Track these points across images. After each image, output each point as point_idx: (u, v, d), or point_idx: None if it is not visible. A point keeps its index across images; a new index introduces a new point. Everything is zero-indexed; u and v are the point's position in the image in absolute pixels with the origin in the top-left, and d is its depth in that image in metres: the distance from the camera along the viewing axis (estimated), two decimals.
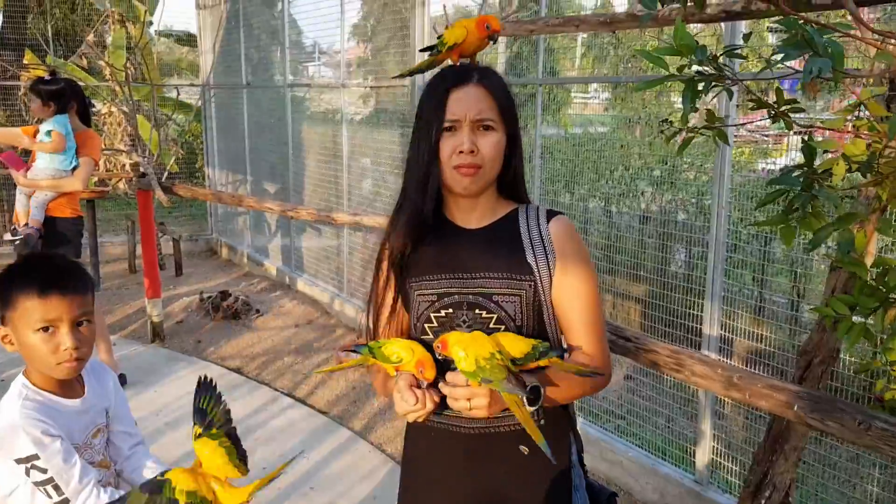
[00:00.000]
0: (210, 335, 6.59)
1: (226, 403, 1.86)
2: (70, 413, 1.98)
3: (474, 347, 1.58)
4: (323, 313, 7.13)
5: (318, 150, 7.43)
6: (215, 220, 10.13)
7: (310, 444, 4.60)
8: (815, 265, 4.03)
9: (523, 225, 1.80)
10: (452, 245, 1.79)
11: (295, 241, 7.98)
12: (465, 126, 1.69)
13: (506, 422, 1.75)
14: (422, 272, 1.78)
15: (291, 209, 4.81)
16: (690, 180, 4.40)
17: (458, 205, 1.81)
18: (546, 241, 1.76)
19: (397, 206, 1.83)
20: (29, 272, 1.87)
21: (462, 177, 1.71)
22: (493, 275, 1.73)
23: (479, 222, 1.81)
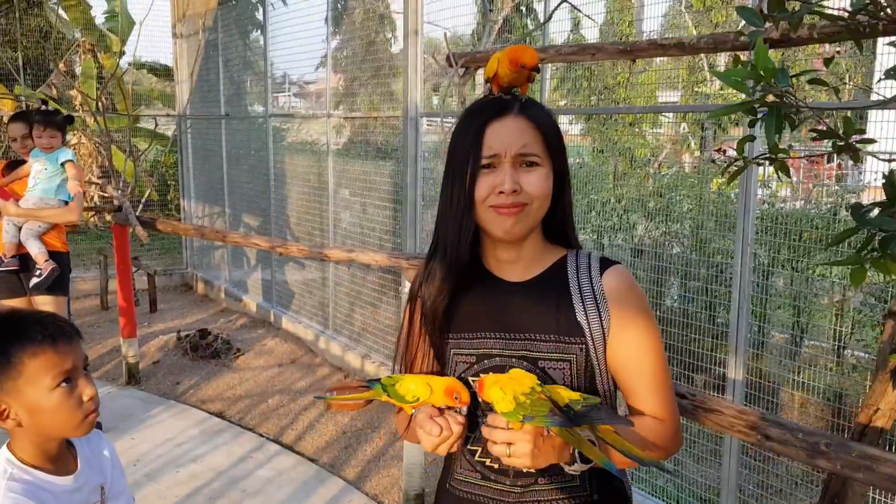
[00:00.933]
0: (189, 376, 6.27)
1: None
2: (61, 493, 1.70)
3: (512, 385, 1.41)
4: (307, 352, 6.84)
5: (301, 181, 7.19)
6: (190, 253, 9.81)
7: (301, 496, 4.31)
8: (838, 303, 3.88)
9: (573, 276, 1.58)
10: (494, 299, 1.58)
11: (276, 275, 7.70)
12: (506, 162, 1.48)
13: (552, 496, 1.53)
14: (460, 328, 1.57)
15: (281, 245, 4.55)
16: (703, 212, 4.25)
17: (498, 254, 1.59)
18: (599, 296, 1.54)
19: (429, 253, 1.62)
20: (20, 331, 1.60)
21: (503, 217, 1.49)
22: (539, 336, 1.52)
23: (524, 274, 1.59)
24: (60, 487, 1.68)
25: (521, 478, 1.53)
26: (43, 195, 4.72)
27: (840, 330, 3.90)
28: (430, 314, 1.58)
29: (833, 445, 1.64)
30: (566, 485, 1.53)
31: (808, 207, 4.35)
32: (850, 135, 1.80)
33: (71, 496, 1.71)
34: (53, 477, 1.68)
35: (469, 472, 1.59)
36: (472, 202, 1.50)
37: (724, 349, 3.58)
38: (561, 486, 1.53)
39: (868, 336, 4.00)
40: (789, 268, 3.92)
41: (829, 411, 3.65)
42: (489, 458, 1.55)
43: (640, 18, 4.73)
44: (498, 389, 1.40)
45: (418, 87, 5.11)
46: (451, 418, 1.45)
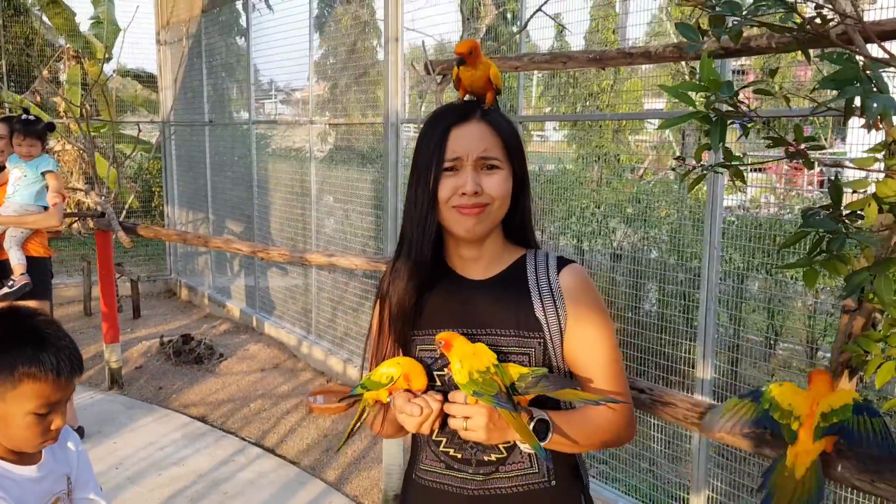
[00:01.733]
0: (171, 381, 6.31)
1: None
2: (23, 482, 1.75)
3: (471, 360, 1.49)
4: (290, 356, 6.89)
5: (284, 187, 7.25)
6: (174, 259, 9.84)
7: (282, 498, 4.37)
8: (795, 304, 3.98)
9: (531, 274, 1.66)
10: (458, 296, 1.65)
11: (259, 281, 7.75)
12: (468, 165, 1.56)
13: (511, 482, 1.61)
14: (426, 324, 1.64)
15: (262, 250, 4.61)
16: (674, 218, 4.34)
17: (461, 253, 1.67)
18: (556, 293, 1.62)
19: (396, 253, 1.69)
20: (37, 349, 1.64)
21: (464, 216, 1.57)
22: (501, 331, 1.60)
23: (486, 272, 1.67)
24: (23, 476, 1.74)
25: (483, 466, 1.61)
26: (22, 201, 4.76)
27: (812, 332, 4.00)
28: (396, 312, 1.64)
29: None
30: (525, 472, 1.61)
31: (782, 213, 4.45)
32: (801, 141, 1.89)
33: (35, 485, 1.76)
34: (15, 466, 1.73)
35: (434, 462, 1.66)
36: (436, 203, 1.57)
37: (696, 351, 3.67)
38: (520, 473, 1.60)
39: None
40: (763, 271, 4.02)
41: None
42: (453, 449, 1.62)
43: (623, 26, 4.82)
44: (457, 360, 1.49)
45: (399, 93, 5.19)
46: (430, 397, 1.53)
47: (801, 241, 1.94)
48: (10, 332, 1.64)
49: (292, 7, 6.89)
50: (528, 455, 1.61)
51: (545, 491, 1.62)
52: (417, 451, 1.72)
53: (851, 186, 1.83)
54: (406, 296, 1.63)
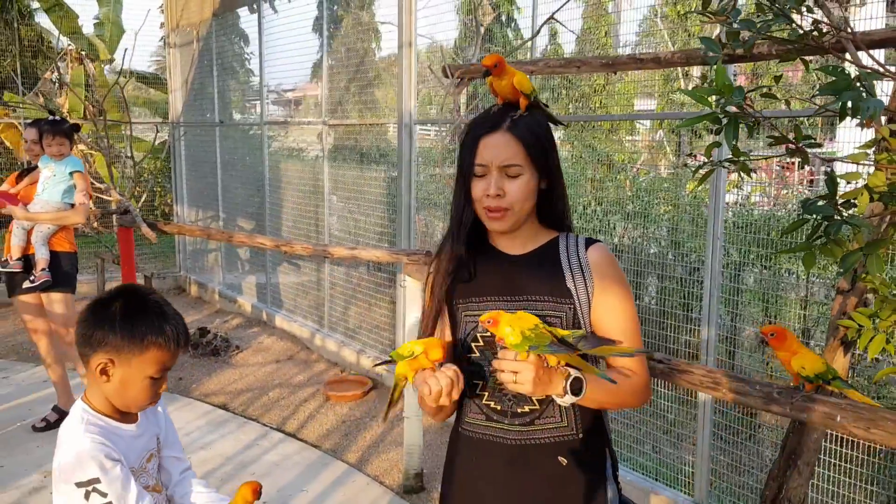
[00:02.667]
0: (191, 372, 6.54)
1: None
2: (128, 438, 2.02)
3: (519, 323, 1.72)
4: (303, 349, 7.14)
5: (296, 187, 7.50)
6: (183, 256, 10.06)
7: (307, 477, 4.62)
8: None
9: (563, 252, 1.95)
10: (498, 269, 1.93)
11: (270, 277, 7.99)
12: (493, 171, 1.84)
13: (545, 434, 1.87)
14: (469, 294, 1.92)
15: (286, 244, 4.87)
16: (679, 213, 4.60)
17: (500, 234, 1.95)
18: (584, 267, 1.91)
19: (443, 239, 1.99)
20: (163, 321, 1.92)
21: (490, 218, 1.88)
22: (536, 297, 1.87)
23: (522, 249, 1.96)
24: (127, 432, 2.01)
25: (518, 418, 1.87)
26: (49, 199, 5.00)
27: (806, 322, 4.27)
28: (441, 284, 1.94)
29: (783, 393, 1.99)
30: (557, 425, 1.87)
31: (776, 209, 4.71)
32: (800, 140, 2.16)
33: (135, 441, 2.03)
34: (121, 424, 2.00)
35: (477, 415, 1.93)
36: (471, 200, 1.88)
37: (696, 342, 3.94)
38: (553, 426, 1.87)
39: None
40: (759, 265, 4.29)
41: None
42: (493, 402, 1.89)
43: (616, 24, 5.08)
44: (507, 326, 1.72)
45: (412, 96, 5.45)
46: (441, 374, 1.76)
47: (800, 228, 2.21)
48: (138, 307, 1.91)
49: (302, 10, 7.15)
50: (559, 409, 1.87)
51: (574, 442, 1.88)
52: (463, 407, 1.98)
53: (845, 178, 2.09)
54: (448, 271, 1.93)
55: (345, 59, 6.93)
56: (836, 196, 2.10)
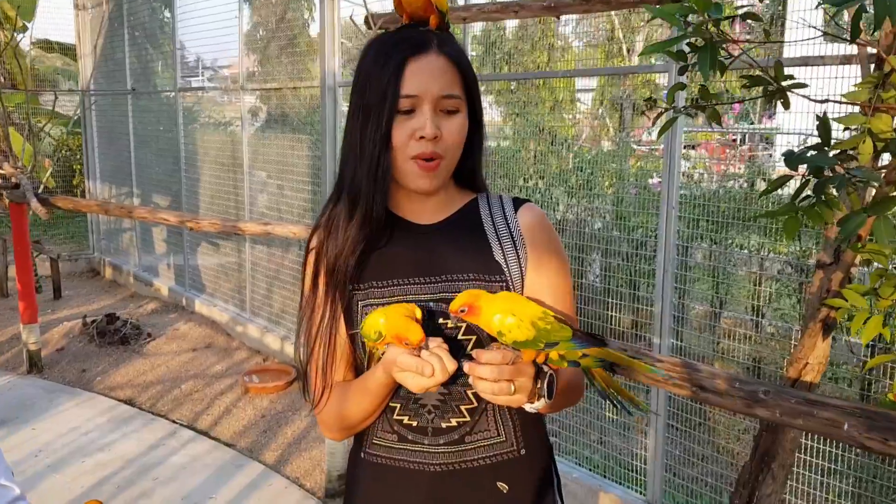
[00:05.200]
0: (96, 363, 5.95)
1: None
2: None
3: (521, 307, 1.27)
4: (223, 335, 6.58)
5: (214, 160, 6.89)
6: (97, 237, 9.35)
7: (217, 481, 4.11)
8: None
9: (486, 217, 1.51)
10: (406, 243, 1.46)
11: (189, 259, 7.38)
12: (427, 106, 1.36)
13: (480, 454, 1.43)
14: (370, 277, 1.44)
15: (191, 219, 4.32)
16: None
17: (408, 197, 1.48)
18: (515, 234, 1.48)
19: (330, 202, 1.48)
20: None
21: (422, 172, 1.38)
22: (459, 276, 1.42)
23: (434, 216, 1.49)
24: None
25: (444, 435, 1.42)
26: None
27: (758, 301, 3.96)
28: (340, 267, 1.43)
29: (772, 393, 1.58)
30: (493, 440, 1.44)
31: (722, 185, 4.38)
32: (781, 79, 1.75)
33: None
34: None
35: (386, 434, 1.46)
36: (389, 147, 1.37)
37: (645, 323, 3.56)
38: (489, 442, 1.43)
39: (785, 304, 4.07)
40: (708, 240, 3.95)
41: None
42: (407, 415, 1.43)
43: None
44: (498, 313, 1.26)
45: (336, 53, 4.93)
46: (442, 352, 1.28)
47: (781, 186, 1.80)
48: None
49: None
50: (494, 420, 1.44)
51: (516, 461, 1.46)
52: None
53: (844, 123, 1.68)
54: (351, 247, 1.42)
55: (264, 18, 6.34)
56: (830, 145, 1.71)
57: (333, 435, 1.52)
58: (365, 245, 1.42)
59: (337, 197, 1.45)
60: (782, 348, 3.79)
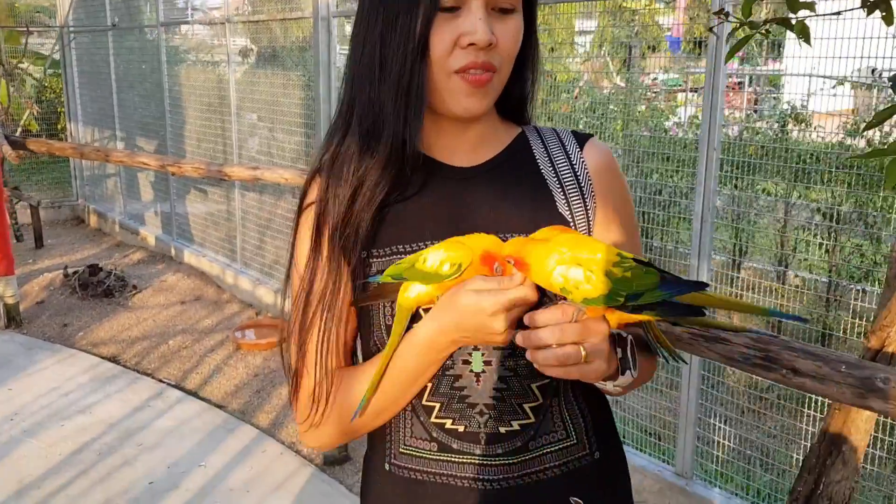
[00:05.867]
0: (78, 317, 5.61)
1: None
2: None
3: (587, 248, 0.94)
4: (213, 287, 6.23)
5: (200, 101, 6.45)
6: (81, 183, 8.93)
7: (206, 447, 3.81)
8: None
9: (543, 157, 1.15)
10: (436, 194, 1.10)
11: (176, 206, 6.99)
12: (473, 4, 1.00)
13: (549, 462, 1.09)
14: (389, 239, 1.09)
15: (173, 164, 3.94)
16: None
17: (437, 129, 1.11)
18: (583, 180, 1.13)
19: (336, 136, 1.10)
20: None
21: (471, 90, 1.02)
22: (512, 236, 1.06)
23: (474, 157, 1.13)
24: None
25: (501, 443, 1.07)
26: None
27: (783, 250, 3.67)
28: (353, 224, 1.07)
29: (893, 381, 1.25)
30: (563, 443, 1.10)
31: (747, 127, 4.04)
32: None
33: None
34: None
35: (422, 441, 1.10)
36: (426, 57, 1.01)
37: (673, 270, 3.23)
38: (558, 446, 1.09)
39: (813, 255, 3.78)
40: (730, 185, 3.63)
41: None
42: (451, 418, 1.08)
43: None
44: (572, 264, 0.92)
45: None
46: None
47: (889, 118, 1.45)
48: None
49: None
50: (561, 417, 1.10)
51: (590, 468, 1.12)
52: (392, 427, 1.13)
53: None
54: (368, 196, 1.06)
55: None
56: None
57: (330, 439, 1.16)
58: (387, 193, 1.06)
59: (345, 129, 1.09)
60: (810, 302, 3.50)
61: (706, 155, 2.83)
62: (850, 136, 3.43)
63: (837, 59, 2.62)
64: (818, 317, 3.46)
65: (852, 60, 2.66)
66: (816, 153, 3.30)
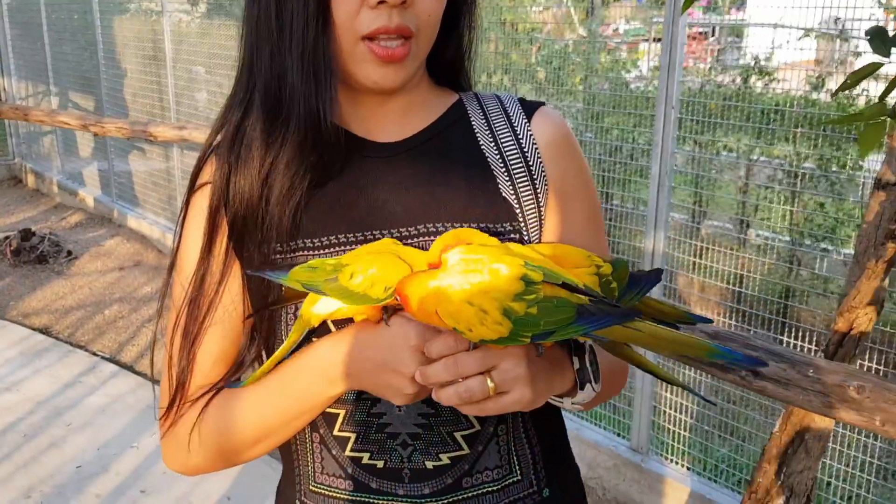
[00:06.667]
0: (9, 286, 5.30)
1: None
2: None
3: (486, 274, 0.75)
4: (154, 252, 5.95)
5: (134, 52, 6.08)
6: (17, 140, 8.49)
7: (139, 426, 3.60)
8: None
9: (483, 129, 0.96)
10: (358, 175, 0.91)
11: (115, 165, 6.64)
12: None
13: (488, 503, 0.91)
14: (296, 234, 0.90)
15: (94, 123, 3.64)
16: None
17: (353, 100, 0.91)
18: (531, 157, 0.95)
19: (236, 108, 0.91)
20: None
21: (379, 60, 0.85)
22: (445, 226, 0.89)
23: (399, 130, 0.94)
24: None
25: (431, 480, 0.89)
26: None
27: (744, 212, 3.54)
28: (257, 222, 0.88)
29: (869, 388, 1.06)
30: (504, 480, 0.91)
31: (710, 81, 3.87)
32: None
33: None
34: None
35: (335, 478, 0.92)
36: (328, 20, 0.84)
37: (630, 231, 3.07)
38: (497, 485, 0.91)
39: (775, 214, 3.67)
40: (690, 143, 3.47)
41: (729, 295, 3.28)
42: (370, 452, 0.90)
43: None
44: (460, 305, 0.73)
45: None
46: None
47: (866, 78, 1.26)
48: None
49: None
50: (500, 445, 0.92)
51: None
52: (297, 453, 0.96)
53: None
54: (286, 183, 0.87)
55: None
56: None
57: (204, 463, 0.96)
58: (309, 181, 0.88)
59: (246, 102, 0.89)
60: (768, 262, 3.38)
61: (664, 113, 2.63)
62: (815, 91, 3.29)
63: (803, 9, 2.43)
64: (780, 276, 3.35)
65: (818, 11, 2.48)
66: (780, 109, 3.15)
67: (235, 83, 0.92)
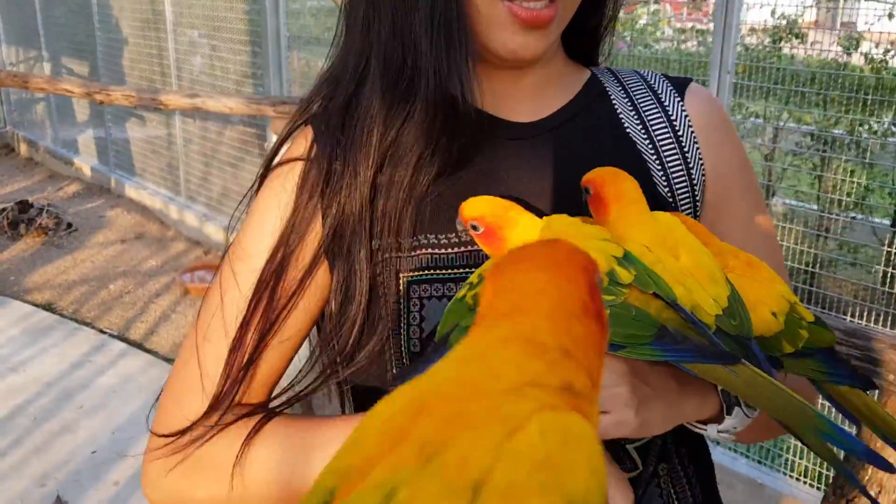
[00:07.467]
0: (8, 261, 5.14)
1: None
2: None
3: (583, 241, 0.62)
4: (156, 223, 5.78)
5: (131, 17, 5.84)
6: (8, 108, 8.25)
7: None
8: None
9: (628, 109, 0.84)
10: (491, 159, 0.79)
11: (112, 132, 6.44)
12: None
13: None
14: (430, 229, 0.76)
15: (100, 91, 3.46)
16: None
17: (488, 72, 0.78)
18: (685, 141, 0.82)
19: (336, 80, 0.78)
20: None
21: (521, 26, 0.72)
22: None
23: (534, 108, 0.81)
24: None
25: None
26: None
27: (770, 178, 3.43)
28: (389, 209, 0.74)
29: None
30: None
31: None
32: None
33: None
34: None
35: None
36: None
37: None
38: None
39: (803, 182, 3.56)
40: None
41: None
42: None
43: None
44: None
45: None
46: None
47: None
48: None
49: None
50: (663, 493, 0.80)
51: None
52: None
53: None
54: (412, 180, 0.74)
55: None
56: None
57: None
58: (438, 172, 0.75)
59: (356, 76, 0.76)
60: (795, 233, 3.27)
61: (717, 79, 2.48)
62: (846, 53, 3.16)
63: None
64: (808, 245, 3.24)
65: None
66: (812, 72, 3.03)
67: (342, 48, 0.78)
